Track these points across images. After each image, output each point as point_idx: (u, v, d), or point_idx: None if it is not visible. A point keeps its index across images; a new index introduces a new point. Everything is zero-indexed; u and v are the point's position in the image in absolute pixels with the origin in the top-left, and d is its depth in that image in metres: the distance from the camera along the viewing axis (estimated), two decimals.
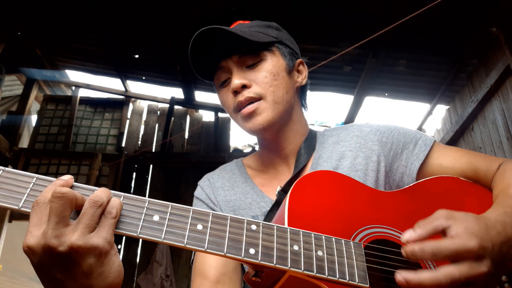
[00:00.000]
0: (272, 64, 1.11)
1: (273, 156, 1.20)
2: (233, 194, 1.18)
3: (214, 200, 1.19)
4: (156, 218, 0.72)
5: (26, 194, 0.69)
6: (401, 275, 0.71)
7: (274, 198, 1.11)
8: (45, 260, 0.64)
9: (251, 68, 1.11)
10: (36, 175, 0.71)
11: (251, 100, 1.09)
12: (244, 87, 1.09)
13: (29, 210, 0.67)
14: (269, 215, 1.08)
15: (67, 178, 0.70)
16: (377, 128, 1.16)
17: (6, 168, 0.70)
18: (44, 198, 0.66)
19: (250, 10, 4.33)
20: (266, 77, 1.09)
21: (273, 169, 1.20)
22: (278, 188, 1.08)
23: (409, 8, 3.38)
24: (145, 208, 0.73)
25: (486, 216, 0.81)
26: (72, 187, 0.70)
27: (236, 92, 1.10)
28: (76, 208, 0.68)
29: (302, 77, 1.22)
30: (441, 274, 0.70)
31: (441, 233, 0.75)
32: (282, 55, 1.15)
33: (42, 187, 0.70)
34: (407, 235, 0.75)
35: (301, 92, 1.25)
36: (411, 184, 1.04)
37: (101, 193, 0.69)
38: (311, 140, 1.20)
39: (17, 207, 0.67)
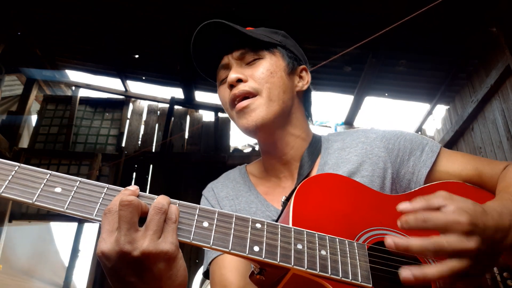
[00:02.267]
0: (270, 63, 1.12)
1: (274, 162, 1.18)
2: (237, 203, 1.17)
3: None
4: None
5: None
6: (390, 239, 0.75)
7: (278, 207, 1.10)
8: (119, 264, 0.68)
9: (250, 65, 1.12)
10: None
11: (246, 95, 1.08)
12: (240, 81, 1.09)
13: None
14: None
15: (134, 188, 0.74)
16: (383, 134, 1.15)
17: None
18: (116, 207, 0.69)
19: (250, 10, 4.34)
20: (263, 73, 1.10)
21: (276, 177, 1.18)
22: (283, 198, 1.07)
23: (409, 8, 3.39)
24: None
25: (485, 203, 0.84)
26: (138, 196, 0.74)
27: (232, 86, 1.10)
28: (140, 215, 0.71)
29: (303, 83, 1.21)
30: (428, 241, 0.73)
31: (436, 210, 0.78)
32: (283, 57, 1.16)
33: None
34: (403, 205, 0.79)
35: (304, 99, 1.24)
36: (417, 189, 1.04)
37: (162, 200, 0.73)
38: (314, 146, 1.18)
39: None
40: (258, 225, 0.77)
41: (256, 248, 0.73)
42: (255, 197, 1.16)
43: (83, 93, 6.58)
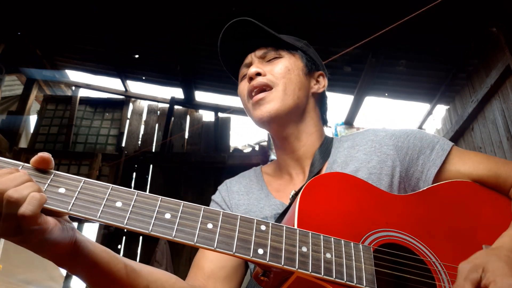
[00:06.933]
0: (289, 61, 1.21)
1: (286, 158, 1.22)
2: (246, 199, 1.21)
3: (228, 203, 1.24)
4: (167, 216, 0.74)
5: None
6: None
7: (287, 202, 1.11)
8: None
9: (270, 62, 1.21)
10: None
11: (264, 87, 1.16)
12: (259, 75, 1.17)
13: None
14: (280, 217, 1.08)
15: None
16: (393, 132, 1.15)
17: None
18: None
19: (250, 10, 4.33)
20: (281, 69, 1.18)
21: (288, 175, 1.22)
22: (292, 192, 1.09)
23: (409, 8, 3.39)
24: (158, 205, 0.75)
25: (502, 246, 0.82)
26: None
27: (251, 79, 1.18)
28: None
29: (319, 86, 1.28)
30: None
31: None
32: (301, 59, 1.24)
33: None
34: None
35: (320, 103, 1.30)
36: (425, 188, 1.02)
37: None
38: (326, 145, 1.21)
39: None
40: (263, 227, 0.76)
41: (260, 251, 0.74)
42: (265, 195, 1.20)
43: (83, 93, 6.57)
